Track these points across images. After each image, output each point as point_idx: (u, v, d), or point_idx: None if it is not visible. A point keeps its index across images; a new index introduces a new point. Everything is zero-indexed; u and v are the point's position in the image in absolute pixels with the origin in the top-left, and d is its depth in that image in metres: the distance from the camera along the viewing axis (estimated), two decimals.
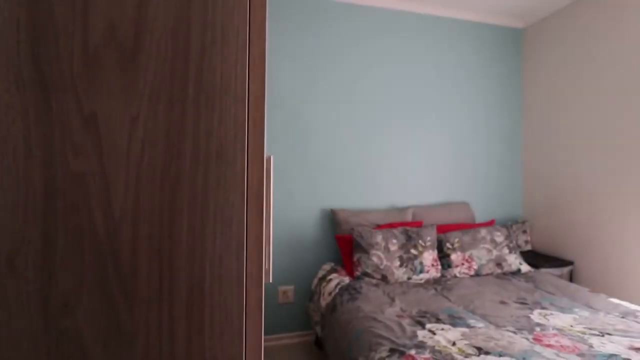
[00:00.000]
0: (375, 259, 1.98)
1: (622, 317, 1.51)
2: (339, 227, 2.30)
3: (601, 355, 1.18)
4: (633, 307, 1.62)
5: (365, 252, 2.01)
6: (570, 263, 2.43)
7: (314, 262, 2.36)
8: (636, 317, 1.51)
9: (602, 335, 1.34)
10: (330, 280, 2.02)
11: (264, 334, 2.26)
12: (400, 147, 2.58)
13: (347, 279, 1.98)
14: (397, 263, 1.99)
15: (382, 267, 1.97)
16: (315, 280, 2.16)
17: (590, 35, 2.36)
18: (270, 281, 0.81)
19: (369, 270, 1.97)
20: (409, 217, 2.42)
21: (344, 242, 2.18)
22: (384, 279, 1.95)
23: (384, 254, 2.00)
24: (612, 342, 1.29)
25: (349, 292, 1.80)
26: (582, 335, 1.34)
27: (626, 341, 1.29)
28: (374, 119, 2.52)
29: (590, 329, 1.40)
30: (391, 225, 2.26)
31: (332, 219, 2.39)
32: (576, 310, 1.58)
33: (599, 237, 2.29)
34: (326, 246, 2.40)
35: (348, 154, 2.46)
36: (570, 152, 2.49)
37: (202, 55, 0.30)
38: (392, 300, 1.71)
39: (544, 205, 2.69)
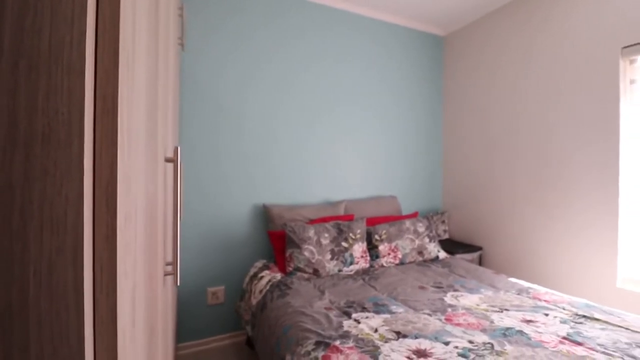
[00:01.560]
0: (307, 253, 1.99)
1: (518, 294, 1.73)
2: (273, 222, 2.26)
3: (499, 329, 1.34)
4: (527, 285, 1.87)
5: (298, 247, 2.00)
6: (479, 249, 2.73)
7: (246, 260, 2.28)
8: (528, 293, 1.74)
9: (501, 311, 1.51)
10: (262, 277, 1.97)
11: (193, 339, 2.13)
12: (334, 143, 2.63)
13: (279, 276, 1.95)
14: (329, 256, 2.02)
15: (314, 261, 1.98)
16: (247, 279, 2.09)
17: (500, 46, 2.65)
18: (178, 284, 0.75)
19: (301, 265, 1.96)
20: (341, 211, 2.48)
21: (276, 238, 2.15)
22: (316, 272, 1.96)
23: (316, 248, 2.02)
24: (508, 316, 1.46)
25: (280, 288, 1.78)
26: (485, 312, 1.50)
27: (520, 315, 1.47)
28: (308, 115, 2.52)
29: (492, 306, 1.57)
30: (324, 220, 2.29)
31: (265, 214, 2.34)
32: (482, 290, 1.77)
33: (503, 226, 2.60)
34: (259, 243, 2.35)
35: (283, 150, 2.43)
36: (481, 151, 2.79)
37: (24, 11, 0.24)
38: (322, 293, 1.73)
39: (460, 198, 2.98)
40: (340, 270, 2.03)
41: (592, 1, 2.06)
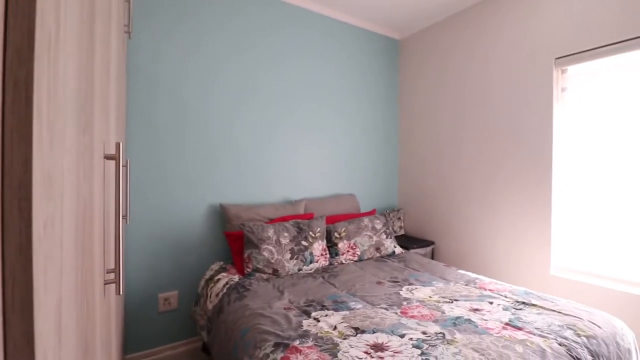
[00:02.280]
0: (266, 253, 1.95)
1: (466, 285, 1.84)
2: (230, 223, 2.18)
3: (450, 319, 1.41)
4: (474, 276, 2.00)
5: (257, 247, 1.95)
6: (432, 243, 2.88)
7: (201, 263, 2.18)
8: (475, 283, 1.86)
9: (452, 302, 1.60)
10: (219, 280, 1.90)
11: (144, 349, 1.99)
12: (295, 142, 2.61)
13: (237, 277, 1.89)
14: (289, 255, 2.00)
15: (273, 261, 1.95)
16: (202, 282, 2.00)
17: (447, 54, 2.80)
18: (120, 294, 0.68)
19: (260, 266, 1.92)
20: (301, 210, 2.47)
21: (234, 239, 2.08)
22: (275, 272, 1.93)
23: (275, 247, 1.98)
24: (458, 306, 1.55)
25: (238, 290, 1.72)
26: (437, 303, 1.58)
27: (468, 304, 1.57)
28: (269, 114, 2.47)
29: (443, 297, 1.66)
30: (283, 219, 2.26)
31: (222, 215, 2.26)
32: (434, 282, 1.86)
33: (453, 222, 2.76)
34: (216, 244, 2.26)
35: (241, 148, 2.35)
36: (433, 152, 2.93)
37: None
38: (282, 293, 1.71)
39: (415, 196, 3.11)
40: (300, 270, 2.02)
41: (530, 15, 2.25)
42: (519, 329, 1.33)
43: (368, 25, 2.99)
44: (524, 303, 1.58)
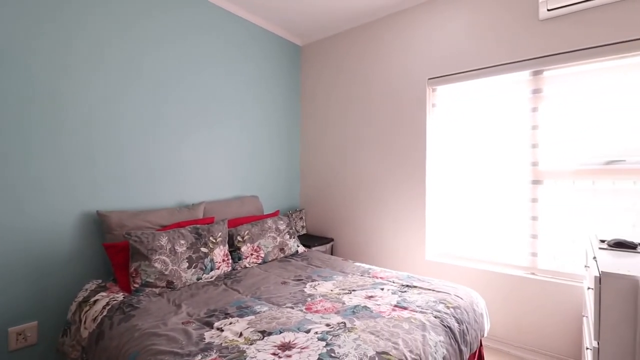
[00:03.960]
0: (158, 264, 1.74)
1: (361, 275, 2.02)
2: (111, 233, 1.88)
3: (350, 308, 1.53)
4: (367, 266, 2.21)
5: (146, 258, 1.73)
6: (331, 240, 3.06)
7: (71, 284, 1.82)
8: (369, 273, 2.06)
9: (350, 293, 1.73)
10: (97, 301, 1.61)
11: None
12: (192, 141, 2.41)
13: (120, 296, 1.64)
14: (186, 265, 1.84)
15: (167, 272, 1.76)
16: (74, 307, 1.67)
17: (339, 64, 3.03)
18: None
19: (150, 280, 1.71)
20: (200, 214, 2.30)
21: (116, 251, 1.80)
22: (170, 285, 1.75)
23: (169, 257, 1.79)
24: (356, 296, 1.69)
25: (123, 310, 1.49)
26: (338, 296, 1.69)
27: (364, 293, 1.72)
28: (159, 111, 2.21)
29: (343, 289, 1.78)
30: (179, 225, 2.06)
31: (100, 224, 1.92)
32: (334, 276, 1.99)
33: (349, 218, 2.99)
34: (91, 260, 1.91)
35: (124, 145, 2.05)
36: (330, 153, 3.13)
37: None
38: (178, 307, 1.56)
39: (315, 196, 3.26)
40: (199, 279, 1.88)
41: (410, 39, 2.62)
42: (405, 308, 1.53)
43: (270, 27, 2.99)
44: (407, 286, 1.82)
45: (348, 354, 1.13)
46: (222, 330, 1.32)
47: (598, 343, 1.18)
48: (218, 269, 1.98)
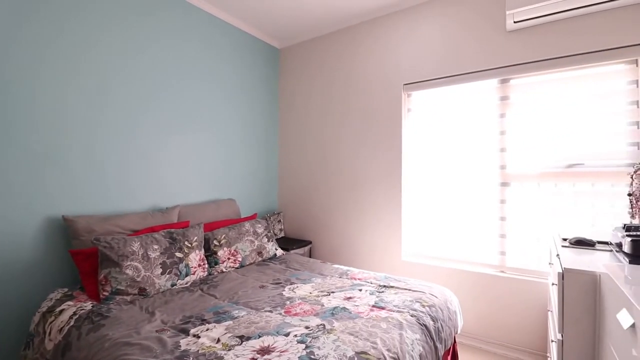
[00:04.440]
0: (130, 271, 1.67)
1: (340, 277, 2.04)
2: (78, 239, 1.79)
3: (329, 310, 1.53)
4: (346, 268, 2.22)
5: (117, 265, 1.66)
6: (310, 242, 3.06)
7: (33, 294, 1.71)
8: (347, 275, 2.08)
9: (329, 294, 1.74)
10: (63, 311, 1.52)
11: None
12: (166, 143, 2.34)
13: (89, 305, 1.56)
14: (159, 271, 1.78)
15: (139, 279, 1.69)
16: (37, 317, 1.57)
17: (317, 68, 3.06)
18: None
19: (121, 287, 1.63)
20: (174, 218, 2.23)
21: (83, 258, 1.71)
22: (143, 292, 1.68)
23: (142, 263, 1.73)
24: (334, 298, 1.70)
25: (92, 319, 1.42)
26: (317, 298, 1.69)
27: (342, 294, 1.74)
28: (131, 112, 2.13)
29: (322, 291, 1.79)
30: (152, 229, 1.99)
31: (66, 229, 1.82)
32: (313, 279, 1.99)
33: (327, 220, 3.01)
34: (56, 268, 1.81)
35: (93, 146, 1.95)
36: (309, 156, 3.14)
37: None
38: (152, 314, 1.50)
39: (293, 198, 3.25)
40: (174, 285, 1.82)
41: (384, 47, 2.68)
42: (383, 308, 1.56)
43: (247, 29, 2.97)
44: (385, 286, 1.86)
45: (327, 356, 1.13)
46: (199, 337, 1.29)
47: (562, 335, 1.25)
48: (194, 274, 1.93)
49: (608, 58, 1.89)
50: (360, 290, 1.80)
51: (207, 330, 1.34)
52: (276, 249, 2.53)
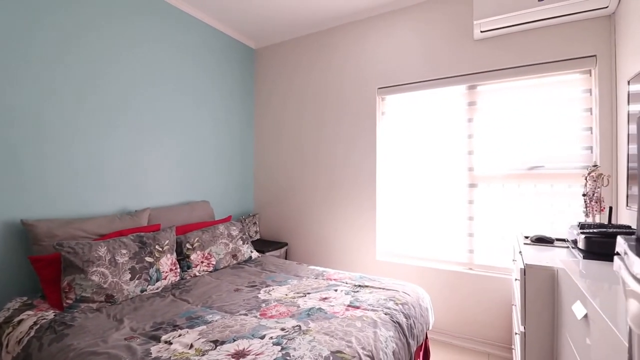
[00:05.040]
0: (96, 277, 1.60)
1: (316, 278, 2.05)
2: (39, 244, 1.68)
3: (305, 311, 1.54)
4: (322, 269, 2.24)
5: (82, 271, 1.58)
6: (285, 244, 3.05)
7: None
8: (323, 276, 2.09)
9: (305, 296, 1.75)
10: (21, 321, 1.43)
11: None
12: (136, 142, 2.26)
13: (51, 314, 1.47)
14: (128, 276, 1.71)
15: (106, 285, 1.62)
16: None
17: (293, 70, 3.06)
18: None
19: (87, 294, 1.56)
20: (144, 222, 2.15)
21: (44, 265, 1.62)
22: (110, 299, 1.61)
23: (109, 269, 1.65)
24: (310, 299, 1.70)
25: (54, 329, 1.34)
26: (292, 299, 1.69)
27: (318, 295, 1.75)
28: (96, 111, 2.04)
29: (297, 293, 1.79)
30: (120, 233, 1.91)
31: (25, 235, 1.71)
32: (289, 280, 1.98)
33: (303, 222, 3.01)
34: (14, 275, 1.70)
35: (54, 145, 1.85)
36: (284, 158, 3.13)
37: None
38: (120, 322, 1.44)
39: (269, 200, 3.23)
40: (143, 290, 1.75)
41: (360, 51, 2.73)
42: (358, 307, 1.58)
43: (222, 28, 2.92)
44: (360, 286, 1.89)
45: (303, 356, 1.14)
46: (171, 343, 1.25)
47: (524, 327, 1.33)
48: (165, 279, 1.87)
49: (565, 68, 2.03)
50: (336, 290, 1.82)
51: (180, 336, 1.31)
52: (251, 252, 2.50)
